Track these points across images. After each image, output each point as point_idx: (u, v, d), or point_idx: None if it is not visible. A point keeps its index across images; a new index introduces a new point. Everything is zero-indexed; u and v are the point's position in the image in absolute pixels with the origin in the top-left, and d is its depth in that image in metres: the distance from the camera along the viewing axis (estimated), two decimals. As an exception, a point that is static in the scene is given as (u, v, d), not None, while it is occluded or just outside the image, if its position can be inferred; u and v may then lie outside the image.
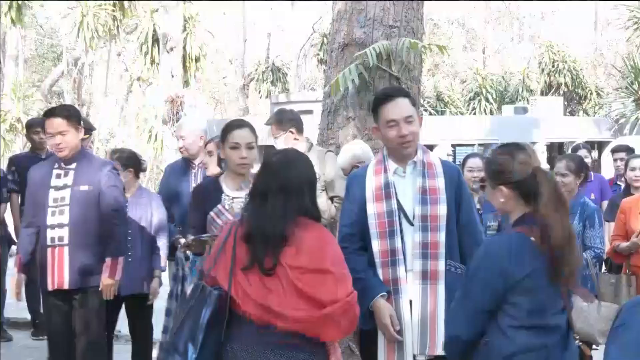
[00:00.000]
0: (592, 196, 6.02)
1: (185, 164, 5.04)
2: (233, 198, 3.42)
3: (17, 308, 5.63)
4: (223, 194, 3.44)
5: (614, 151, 7.25)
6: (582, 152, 6.75)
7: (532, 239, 2.36)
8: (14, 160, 6.30)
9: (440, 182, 3.14)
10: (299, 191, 2.65)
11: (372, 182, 3.15)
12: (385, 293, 3.03)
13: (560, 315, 2.43)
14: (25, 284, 4.18)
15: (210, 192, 3.48)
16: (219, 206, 3.40)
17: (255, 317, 2.56)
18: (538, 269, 2.35)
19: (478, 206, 5.08)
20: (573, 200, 4.60)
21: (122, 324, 5.07)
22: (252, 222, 2.62)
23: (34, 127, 6.29)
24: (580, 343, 2.57)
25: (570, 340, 2.48)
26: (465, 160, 5.43)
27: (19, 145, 18.40)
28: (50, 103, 25.93)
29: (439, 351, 2.98)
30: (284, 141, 4.62)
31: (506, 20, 35.46)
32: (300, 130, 4.72)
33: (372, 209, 3.11)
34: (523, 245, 2.37)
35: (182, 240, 4.83)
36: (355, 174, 3.37)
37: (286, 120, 4.72)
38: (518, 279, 2.34)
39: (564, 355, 2.42)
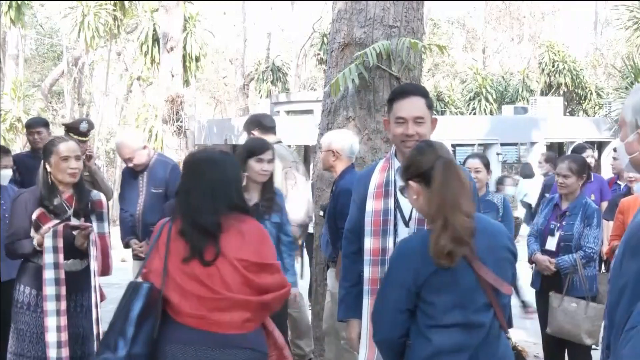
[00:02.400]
0: (592, 197, 6.03)
1: (133, 170, 5.17)
2: None
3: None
4: None
5: (615, 150, 7.24)
6: (587, 152, 6.73)
7: None
8: (15, 160, 6.28)
9: None
10: (226, 188, 2.71)
11: (376, 179, 3.13)
12: (357, 319, 3.09)
13: (484, 312, 2.34)
14: None
15: None
16: None
17: (191, 322, 2.57)
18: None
19: (478, 206, 5.08)
20: (575, 201, 4.61)
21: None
22: (186, 216, 2.65)
23: (30, 127, 6.30)
24: (516, 344, 2.50)
25: (501, 341, 2.39)
26: (465, 161, 5.44)
27: (19, 144, 18.42)
28: (50, 102, 25.97)
29: None
30: None
31: (506, 20, 35.46)
32: (264, 129, 5.18)
33: (370, 206, 3.08)
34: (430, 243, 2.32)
35: (135, 246, 5.08)
36: (363, 173, 3.34)
37: (248, 124, 5.27)
38: (426, 276, 2.30)
39: (493, 356, 2.35)
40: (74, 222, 3.70)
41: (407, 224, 3.03)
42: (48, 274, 3.56)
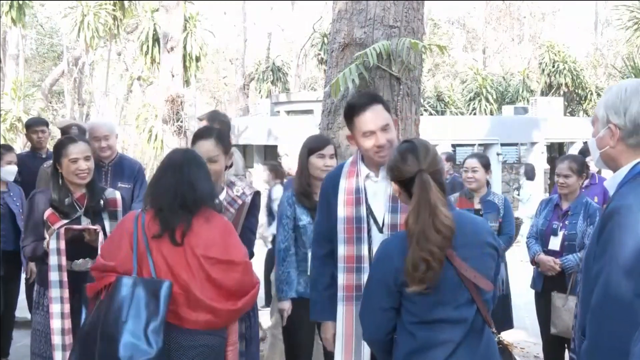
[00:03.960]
0: (595, 199, 6.03)
1: (96, 164, 4.96)
2: None
3: (17, 307, 5.62)
4: None
5: None
6: None
7: None
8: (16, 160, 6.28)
9: None
10: (202, 181, 2.87)
11: (344, 185, 3.09)
12: (331, 321, 3.10)
13: (467, 308, 2.38)
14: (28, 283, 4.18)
15: None
16: None
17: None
18: None
19: (479, 206, 5.08)
20: (576, 201, 4.61)
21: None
22: (160, 198, 2.80)
23: (33, 126, 6.31)
24: (502, 339, 2.52)
25: (484, 335, 2.42)
26: (464, 161, 5.45)
27: (20, 144, 18.44)
28: (50, 102, 25.97)
29: None
30: None
31: (506, 20, 35.47)
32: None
33: (342, 212, 3.05)
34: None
35: None
36: (330, 175, 3.29)
37: (214, 120, 5.06)
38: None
39: (476, 350, 2.37)
40: (84, 224, 3.65)
41: (380, 230, 3.01)
42: (53, 276, 3.54)
